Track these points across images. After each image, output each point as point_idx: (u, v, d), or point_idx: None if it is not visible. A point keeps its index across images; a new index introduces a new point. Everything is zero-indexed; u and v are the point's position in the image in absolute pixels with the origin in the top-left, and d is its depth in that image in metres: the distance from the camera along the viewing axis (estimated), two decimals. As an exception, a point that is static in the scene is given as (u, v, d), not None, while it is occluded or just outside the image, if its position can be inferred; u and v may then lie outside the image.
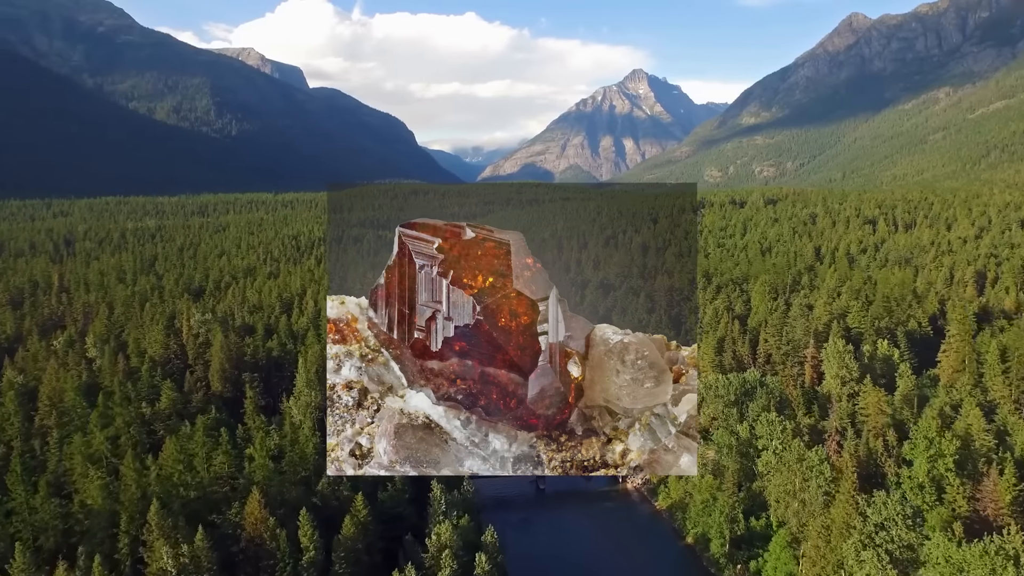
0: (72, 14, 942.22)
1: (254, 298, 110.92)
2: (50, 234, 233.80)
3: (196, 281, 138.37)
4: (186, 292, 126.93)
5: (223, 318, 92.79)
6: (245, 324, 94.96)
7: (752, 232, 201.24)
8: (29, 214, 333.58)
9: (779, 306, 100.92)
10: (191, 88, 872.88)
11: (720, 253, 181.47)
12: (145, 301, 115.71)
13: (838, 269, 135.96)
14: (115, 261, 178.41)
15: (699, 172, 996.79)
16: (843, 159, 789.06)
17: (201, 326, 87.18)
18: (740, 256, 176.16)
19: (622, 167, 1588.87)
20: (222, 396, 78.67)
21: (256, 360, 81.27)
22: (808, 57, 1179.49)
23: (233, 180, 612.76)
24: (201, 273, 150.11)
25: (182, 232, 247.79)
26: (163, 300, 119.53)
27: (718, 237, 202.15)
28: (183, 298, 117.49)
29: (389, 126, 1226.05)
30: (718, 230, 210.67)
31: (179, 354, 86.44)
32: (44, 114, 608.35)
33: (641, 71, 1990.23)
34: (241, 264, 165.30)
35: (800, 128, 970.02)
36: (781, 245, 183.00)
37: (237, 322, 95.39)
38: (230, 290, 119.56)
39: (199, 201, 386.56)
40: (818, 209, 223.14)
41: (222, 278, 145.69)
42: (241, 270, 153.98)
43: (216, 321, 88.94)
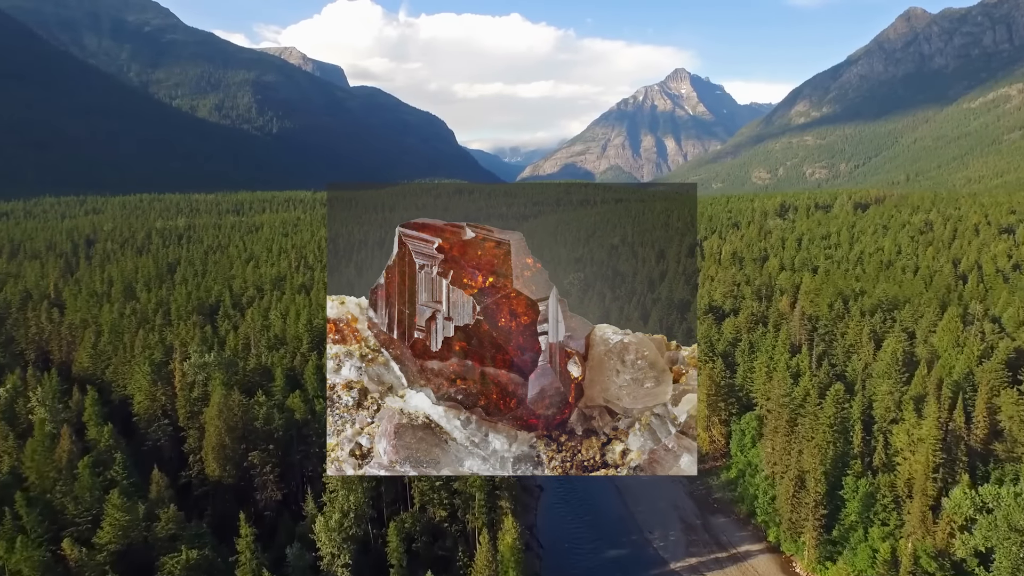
0: (121, 14, 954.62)
1: (277, 325, 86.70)
2: (71, 234, 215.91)
3: (214, 295, 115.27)
4: (198, 311, 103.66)
5: (230, 360, 68.48)
6: (260, 367, 70.58)
7: (862, 242, 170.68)
8: (61, 211, 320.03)
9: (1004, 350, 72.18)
10: (233, 86, 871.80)
11: (829, 265, 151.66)
12: (143, 324, 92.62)
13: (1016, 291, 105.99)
14: (132, 266, 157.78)
15: (746, 173, 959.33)
16: (903, 160, 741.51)
17: (198, 372, 63.54)
18: (856, 270, 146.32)
19: (664, 168, 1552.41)
20: (221, 482, 54.68)
21: (271, 429, 56.64)
22: (862, 54, 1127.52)
23: (273, 178, 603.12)
24: (222, 283, 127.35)
25: (212, 232, 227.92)
26: (169, 323, 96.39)
27: (821, 246, 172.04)
28: (190, 320, 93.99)
29: (429, 125, 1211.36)
30: (819, 238, 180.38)
31: (170, 408, 62.71)
32: (89, 111, 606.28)
33: (683, 70, 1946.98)
34: (270, 272, 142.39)
35: (854, 128, 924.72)
36: (904, 259, 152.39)
37: (251, 363, 71.17)
38: (250, 311, 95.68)
39: (235, 199, 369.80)
40: (932, 215, 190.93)
41: (245, 290, 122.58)
42: (269, 280, 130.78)
43: (220, 365, 64.76)
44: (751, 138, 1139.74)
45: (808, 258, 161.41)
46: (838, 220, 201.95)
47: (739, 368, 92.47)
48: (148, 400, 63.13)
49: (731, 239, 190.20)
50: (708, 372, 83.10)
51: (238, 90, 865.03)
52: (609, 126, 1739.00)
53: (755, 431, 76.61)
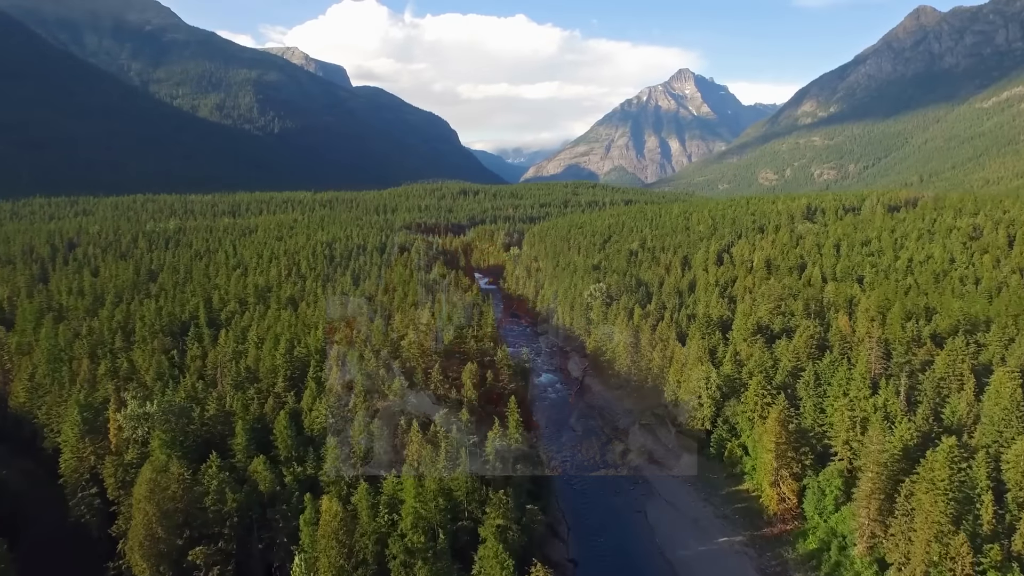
0: (121, 13, 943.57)
1: (252, 353, 72.16)
2: (51, 237, 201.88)
3: (188, 310, 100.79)
4: (167, 331, 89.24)
5: (181, 408, 53.80)
6: (222, 413, 55.98)
7: (908, 249, 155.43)
8: (50, 212, 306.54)
9: None
10: (234, 86, 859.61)
11: (875, 275, 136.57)
12: (98, 347, 78.33)
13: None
14: (109, 274, 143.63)
15: (752, 174, 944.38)
16: (914, 161, 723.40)
17: (136, 425, 49.24)
18: (906, 280, 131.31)
19: (667, 169, 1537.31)
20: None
21: (223, 513, 42.08)
22: (870, 53, 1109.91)
23: (274, 178, 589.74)
24: (202, 295, 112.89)
25: (202, 236, 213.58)
26: (131, 345, 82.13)
27: (862, 253, 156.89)
28: (154, 343, 79.53)
29: (432, 125, 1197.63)
30: (858, 244, 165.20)
31: (102, 471, 48.27)
32: (87, 111, 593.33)
33: (687, 71, 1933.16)
34: (257, 282, 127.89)
35: (862, 128, 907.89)
36: (959, 268, 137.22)
37: (210, 408, 56.60)
38: (223, 335, 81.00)
39: (232, 200, 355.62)
40: (980, 219, 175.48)
41: (226, 304, 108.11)
42: (254, 291, 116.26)
43: (166, 415, 50.18)
44: (757, 138, 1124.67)
45: (850, 267, 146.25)
46: (874, 224, 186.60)
47: (803, 404, 77.67)
48: (75, 459, 48.73)
49: (761, 245, 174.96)
50: (774, 413, 68.35)
51: (239, 90, 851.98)
52: (613, 127, 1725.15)
53: (839, 491, 61.90)
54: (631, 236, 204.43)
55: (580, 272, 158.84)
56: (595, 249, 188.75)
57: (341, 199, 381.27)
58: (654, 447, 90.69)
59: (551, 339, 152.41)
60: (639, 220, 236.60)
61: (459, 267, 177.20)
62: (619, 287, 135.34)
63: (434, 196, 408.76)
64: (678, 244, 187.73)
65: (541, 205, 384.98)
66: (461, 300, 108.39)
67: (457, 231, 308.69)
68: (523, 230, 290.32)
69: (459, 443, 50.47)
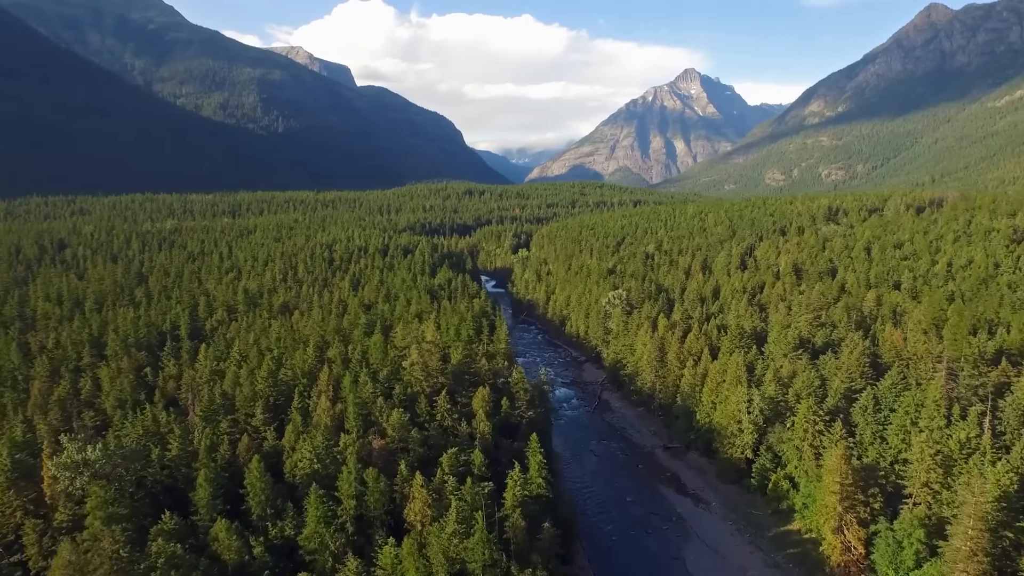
0: (125, 12, 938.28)
1: (230, 376, 62.66)
2: (40, 238, 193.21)
3: (169, 320, 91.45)
4: (142, 344, 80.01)
5: (133, 452, 44.24)
6: (186, 454, 46.39)
7: (946, 252, 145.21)
8: (46, 212, 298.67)
9: None
10: (238, 85, 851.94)
11: (912, 281, 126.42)
12: (63, 365, 69.29)
13: None
14: (96, 277, 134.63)
15: (759, 174, 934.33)
16: (925, 161, 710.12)
17: (73, 476, 39.91)
18: (947, 287, 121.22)
19: (673, 169, 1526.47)
20: None
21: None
22: (879, 52, 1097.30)
23: (277, 177, 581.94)
24: (188, 302, 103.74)
25: (199, 236, 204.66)
26: (101, 361, 72.98)
27: (895, 257, 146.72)
28: (124, 360, 70.24)
29: (436, 125, 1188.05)
30: (890, 247, 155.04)
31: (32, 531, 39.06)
32: (89, 109, 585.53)
33: (693, 71, 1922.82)
34: (249, 287, 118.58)
35: (871, 128, 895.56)
36: (1004, 273, 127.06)
37: (172, 449, 47.00)
38: (203, 351, 71.61)
39: (232, 199, 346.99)
40: (1020, 219, 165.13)
41: (213, 312, 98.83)
42: (244, 298, 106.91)
43: (111, 463, 40.70)
44: (763, 139, 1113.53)
45: (884, 272, 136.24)
46: (904, 226, 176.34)
47: (860, 433, 67.93)
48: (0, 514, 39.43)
49: (786, 248, 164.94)
50: (837, 451, 58.54)
51: (243, 89, 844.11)
52: (618, 127, 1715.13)
53: (921, 544, 52.14)
54: (646, 238, 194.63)
55: (594, 276, 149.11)
56: (608, 252, 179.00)
57: (344, 199, 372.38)
58: (686, 476, 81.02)
59: (564, 348, 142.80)
60: (653, 221, 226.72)
61: (465, 270, 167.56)
62: (640, 294, 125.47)
63: (439, 196, 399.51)
64: (696, 247, 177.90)
65: (548, 205, 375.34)
66: (470, 309, 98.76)
67: (463, 232, 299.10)
68: (531, 231, 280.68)
69: (474, 503, 41.12)
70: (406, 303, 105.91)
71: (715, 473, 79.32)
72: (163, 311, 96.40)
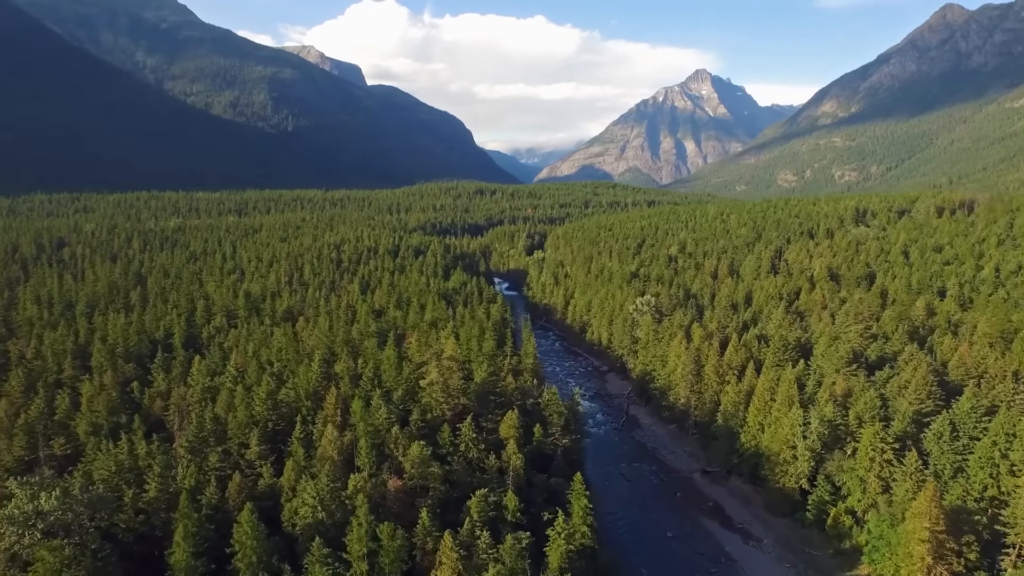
0: (138, 11, 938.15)
1: (223, 398, 55.10)
2: (38, 236, 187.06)
3: (163, 327, 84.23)
4: (131, 354, 72.81)
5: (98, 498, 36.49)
6: (165, 498, 38.66)
7: (992, 257, 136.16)
8: (49, 209, 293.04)
9: None
10: (248, 83, 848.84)
11: (957, 287, 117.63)
12: (41, 378, 62.06)
13: None
14: (91, 277, 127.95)
15: (771, 175, 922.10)
16: (941, 162, 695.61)
17: (21, 533, 32.46)
18: (997, 294, 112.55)
19: (683, 170, 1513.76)
20: None
21: None
22: (893, 52, 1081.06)
23: (286, 176, 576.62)
24: (185, 306, 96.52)
25: (203, 235, 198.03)
26: (84, 374, 65.82)
27: (937, 262, 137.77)
28: (106, 375, 62.94)
29: (446, 124, 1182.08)
30: (929, 251, 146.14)
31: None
32: (99, 108, 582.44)
33: (704, 71, 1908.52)
34: (252, 290, 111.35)
35: (885, 129, 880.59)
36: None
37: (150, 490, 39.43)
38: (196, 364, 64.25)
39: (239, 198, 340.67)
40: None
41: (211, 318, 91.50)
42: (245, 303, 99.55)
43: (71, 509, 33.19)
44: (775, 139, 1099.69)
45: (926, 277, 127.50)
46: (943, 229, 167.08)
47: (936, 463, 59.69)
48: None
49: (818, 251, 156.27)
50: (927, 493, 50.26)
51: (253, 87, 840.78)
52: (628, 127, 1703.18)
53: (1035, 608, 44.06)
54: (667, 240, 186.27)
55: (616, 280, 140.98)
56: (629, 254, 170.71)
57: (352, 198, 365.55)
58: (730, 506, 72.95)
59: (585, 356, 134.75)
60: (673, 222, 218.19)
61: (479, 273, 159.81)
62: (670, 300, 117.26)
63: (449, 195, 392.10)
64: (721, 249, 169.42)
65: (561, 205, 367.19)
66: (490, 317, 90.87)
67: (474, 232, 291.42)
68: (544, 231, 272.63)
69: (513, 566, 33.51)
70: (419, 309, 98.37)
71: (764, 504, 71.20)
72: (157, 317, 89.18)
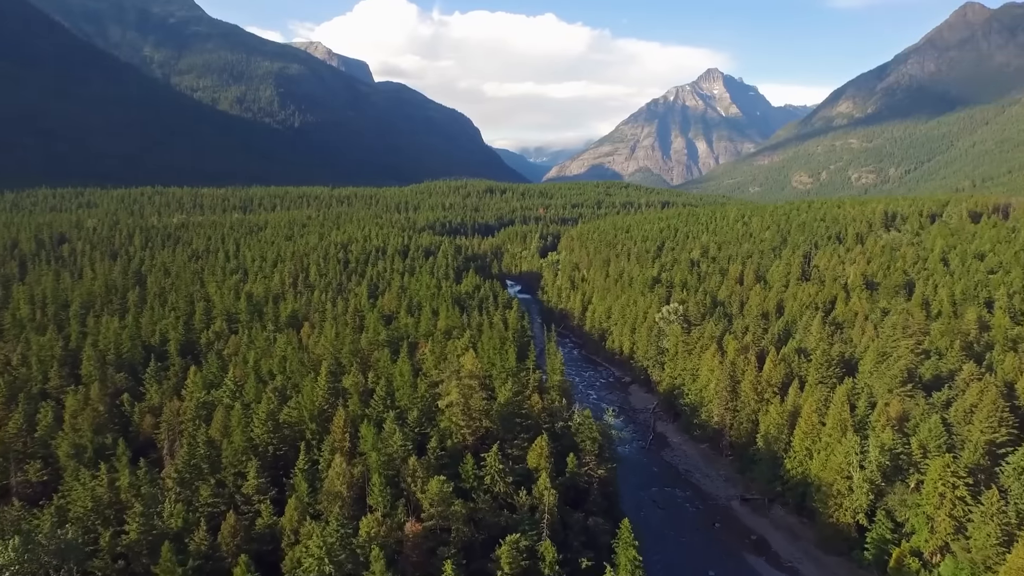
0: (146, 6, 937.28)
1: (218, 421, 48.92)
2: (39, 231, 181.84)
3: (159, 332, 78.17)
4: (124, 362, 66.83)
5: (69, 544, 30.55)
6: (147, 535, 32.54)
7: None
8: (52, 204, 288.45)
9: None
10: (256, 79, 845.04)
11: (1009, 299, 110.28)
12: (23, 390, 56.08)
13: None
14: (89, 276, 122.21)
15: (785, 177, 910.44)
16: (963, 165, 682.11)
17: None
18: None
19: (694, 170, 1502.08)
20: None
21: None
22: (911, 52, 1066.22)
23: (293, 172, 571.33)
24: (185, 309, 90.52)
25: (206, 232, 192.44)
26: (72, 383, 59.90)
27: (981, 271, 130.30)
28: (94, 386, 56.83)
29: (455, 122, 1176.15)
30: (970, 258, 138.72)
31: None
32: (105, 102, 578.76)
33: (716, 71, 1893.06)
34: (255, 292, 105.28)
35: (903, 130, 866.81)
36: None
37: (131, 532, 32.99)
38: (192, 376, 58.17)
39: (244, 194, 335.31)
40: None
41: (210, 323, 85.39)
42: (247, 305, 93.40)
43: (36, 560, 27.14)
44: (789, 140, 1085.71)
45: (970, 287, 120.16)
46: (983, 235, 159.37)
47: (1016, 503, 52.87)
48: None
49: (850, 257, 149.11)
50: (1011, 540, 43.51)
51: (260, 83, 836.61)
52: (638, 126, 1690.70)
53: None
54: (688, 243, 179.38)
55: (637, 286, 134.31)
56: (649, 258, 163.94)
57: (360, 195, 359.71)
58: (776, 540, 66.30)
59: (605, 366, 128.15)
60: (693, 225, 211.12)
61: (492, 275, 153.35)
62: (699, 309, 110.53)
63: (459, 194, 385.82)
64: (746, 253, 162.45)
65: (573, 206, 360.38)
66: (508, 326, 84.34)
67: (485, 232, 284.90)
68: (557, 232, 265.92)
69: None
70: (432, 315, 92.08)
71: (815, 539, 64.49)
72: (154, 320, 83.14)
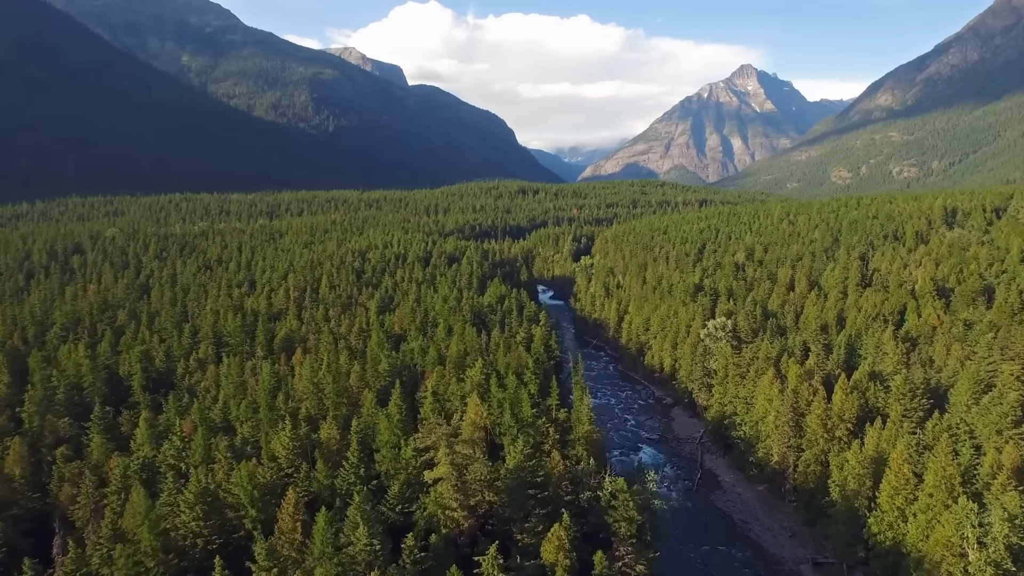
0: (183, 16, 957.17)
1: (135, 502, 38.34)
2: (53, 242, 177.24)
3: (132, 362, 68.76)
4: (73, 406, 57.25)
5: None
6: None
7: None
8: (81, 213, 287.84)
9: None
10: (290, 84, 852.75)
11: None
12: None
13: None
14: (95, 288, 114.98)
15: (824, 172, 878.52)
16: (1011, 156, 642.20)
17: None
18: None
19: (730, 167, 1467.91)
20: None
21: None
22: (952, 41, 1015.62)
23: (327, 177, 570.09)
24: (170, 331, 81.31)
25: (223, 240, 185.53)
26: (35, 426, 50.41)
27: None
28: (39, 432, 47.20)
29: (489, 124, 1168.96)
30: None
31: None
32: (140, 111, 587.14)
33: (750, 67, 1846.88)
34: (258, 307, 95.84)
35: (946, 122, 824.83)
36: None
37: None
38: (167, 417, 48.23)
39: (272, 199, 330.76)
40: None
41: (193, 349, 75.85)
42: (240, 327, 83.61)
43: None
44: (826, 134, 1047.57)
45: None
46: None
47: None
48: None
49: (915, 259, 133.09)
50: None
51: (295, 88, 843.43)
52: (672, 124, 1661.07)
53: None
54: (730, 244, 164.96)
55: (678, 294, 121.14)
56: (689, 261, 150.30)
57: (389, 199, 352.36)
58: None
59: (644, 384, 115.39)
60: (735, 224, 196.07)
61: (521, 283, 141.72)
62: (747, 322, 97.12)
63: (490, 196, 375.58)
64: (795, 256, 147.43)
65: (607, 205, 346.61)
66: (531, 348, 72.60)
67: (516, 235, 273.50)
68: (591, 233, 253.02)
69: None
70: (446, 333, 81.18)
71: (913, 626, 51.16)
72: (129, 346, 73.93)
